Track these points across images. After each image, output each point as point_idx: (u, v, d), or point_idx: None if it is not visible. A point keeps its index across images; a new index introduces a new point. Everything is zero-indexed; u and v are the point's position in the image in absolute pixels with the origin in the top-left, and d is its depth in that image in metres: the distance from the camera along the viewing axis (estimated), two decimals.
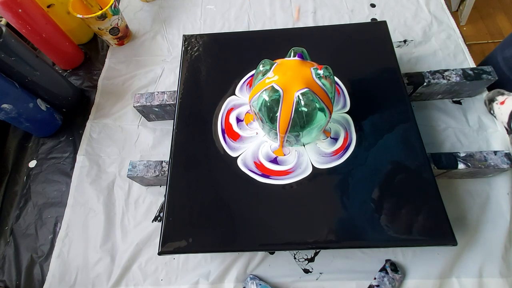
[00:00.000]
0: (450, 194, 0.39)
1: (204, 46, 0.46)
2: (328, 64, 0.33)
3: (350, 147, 0.37)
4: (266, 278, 0.38)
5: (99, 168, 0.47)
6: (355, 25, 0.50)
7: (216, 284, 0.38)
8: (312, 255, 0.39)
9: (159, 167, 0.40)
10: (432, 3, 0.57)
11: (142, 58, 0.57)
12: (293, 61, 0.33)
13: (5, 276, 0.41)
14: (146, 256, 0.41)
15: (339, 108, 0.39)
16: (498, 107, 0.38)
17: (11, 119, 0.45)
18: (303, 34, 0.47)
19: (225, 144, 0.38)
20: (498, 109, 0.38)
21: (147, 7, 0.64)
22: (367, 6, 0.59)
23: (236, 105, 0.41)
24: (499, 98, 0.38)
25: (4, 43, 0.40)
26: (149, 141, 0.49)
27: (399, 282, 0.36)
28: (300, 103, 0.30)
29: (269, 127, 0.33)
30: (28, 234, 0.44)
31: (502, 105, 0.36)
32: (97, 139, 0.50)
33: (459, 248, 0.37)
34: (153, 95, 0.45)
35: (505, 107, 0.36)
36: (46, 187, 0.47)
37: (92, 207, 0.44)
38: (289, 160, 0.37)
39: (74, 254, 0.42)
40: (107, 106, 0.53)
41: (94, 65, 0.58)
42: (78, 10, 0.51)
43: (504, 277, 0.36)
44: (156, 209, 0.43)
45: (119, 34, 0.56)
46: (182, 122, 0.40)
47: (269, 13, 0.60)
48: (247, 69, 0.43)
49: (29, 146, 0.51)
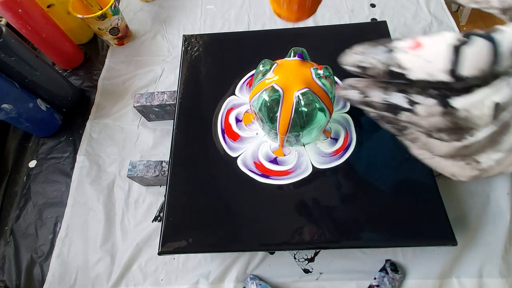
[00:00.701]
0: (450, 194, 0.39)
1: (204, 46, 0.46)
2: (328, 64, 0.33)
3: (350, 147, 0.37)
4: (266, 278, 0.38)
5: (99, 168, 0.47)
6: (355, 25, 0.50)
7: (216, 284, 0.38)
8: (312, 255, 0.39)
9: (159, 167, 0.40)
10: (432, 3, 0.57)
11: (142, 58, 0.57)
12: (293, 61, 0.33)
13: (5, 276, 0.41)
14: (146, 256, 0.41)
15: (339, 108, 0.39)
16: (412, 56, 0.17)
17: (11, 119, 0.45)
18: (303, 34, 0.47)
19: (225, 144, 0.38)
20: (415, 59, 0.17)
21: (147, 7, 0.64)
22: (367, 6, 0.59)
23: (235, 105, 0.41)
24: (403, 44, 0.18)
25: (4, 43, 0.40)
26: (149, 141, 0.49)
27: (399, 282, 0.36)
28: (300, 103, 0.30)
29: (269, 127, 0.33)
30: (28, 234, 0.44)
31: (419, 49, 0.17)
32: (97, 139, 0.50)
33: (459, 248, 0.37)
34: (153, 95, 0.45)
35: (430, 48, 0.17)
36: (46, 187, 0.47)
37: (92, 207, 0.44)
38: (289, 160, 0.37)
39: (74, 254, 0.42)
40: (107, 106, 0.53)
41: (94, 65, 0.58)
42: (78, 10, 0.51)
43: (504, 277, 0.36)
44: (156, 209, 0.43)
45: (119, 34, 0.56)
46: (182, 122, 0.40)
47: (269, 13, 0.60)
48: (247, 69, 0.43)
49: (29, 146, 0.51)
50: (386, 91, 0.20)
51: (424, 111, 0.18)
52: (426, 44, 0.16)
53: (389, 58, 0.18)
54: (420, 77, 0.17)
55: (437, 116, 0.18)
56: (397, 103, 0.19)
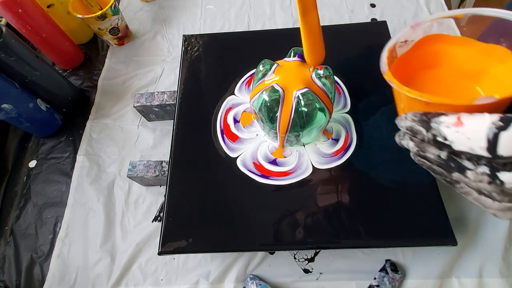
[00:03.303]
0: (450, 194, 0.39)
1: (204, 46, 0.46)
2: (328, 64, 0.33)
3: (350, 148, 0.37)
4: (266, 278, 0.38)
5: (99, 168, 0.47)
6: (355, 25, 0.50)
7: (216, 284, 0.38)
8: (312, 255, 0.39)
9: (159, 167, 0.40)
10: (432, 3, 0.57)
11: (142, 58, 0.57)
12: (293, 62, 0.33)
13: (5, 276, 0.41)
14: (146, 256, 0.41)
15: (339, 108, 0.39)
16: (454, 132, 0.20)
17: (11, 119, 0.45)
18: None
19: (224, 145, 0.38)
20: (457, 134, 0.20)
21: (147, 7, 0.64)
22: (367, 6, 0.59)
23: (234, 105, 0.41)
24: (446, 119, 0.20)
25: (4, 43, 0.40)
26: (149, 141, 0.49)
27: (399, 282, 0.36)
28: (300, 103, 0.30)
29: (269, 127, 0.33)
30: (28, 234, 0.44)
31: (460, 127, 0.19)
32: (97, 139, 0.50)
33: (459, 248, 0.37)
34: (153, 95, 0.45)
35: (470, 126, 0.19)
36: (46, 187, 0.47)
37: (92, 207, 0.44)
38: (289, 161, 0.37)
39: (74, 254, 0.42)
40: (107, 106, 0.53)
41: (94, 65, 0.58)
42: (78, 10, 0.51)
43: (504, 277, 0.36)
44: (156, 209, 0.43)
45: (119, 34, 0.56)
46: (182, 122, 0.40)
47: (269, 13, 0.60)
48: (247, 69, 0.43)
49: (29, 146, 0.51)
50: (441, 151, 0.22)
51: (473, 177, 0.20)
52: (466, 123, 0.19)
53: (435, 130, 0.21)
54: (463, 150, 0.20)
55: (485, 183, 0.19)
56: (450, 163, 0.21)
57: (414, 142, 0.24)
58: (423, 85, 0.31)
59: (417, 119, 0.22)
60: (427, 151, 0.23)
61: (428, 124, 0.21)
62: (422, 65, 0.32)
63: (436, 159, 0.22)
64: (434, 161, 0.23)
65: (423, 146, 0.23)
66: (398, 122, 0.25)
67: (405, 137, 0.25)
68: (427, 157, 0.23)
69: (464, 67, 0.30)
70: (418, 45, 0.31)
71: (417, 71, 0.32)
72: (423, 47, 0.31)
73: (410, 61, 0.31)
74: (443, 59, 0.31)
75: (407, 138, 0.25)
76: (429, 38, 0.30)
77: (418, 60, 0.31)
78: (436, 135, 0.21)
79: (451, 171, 0.22)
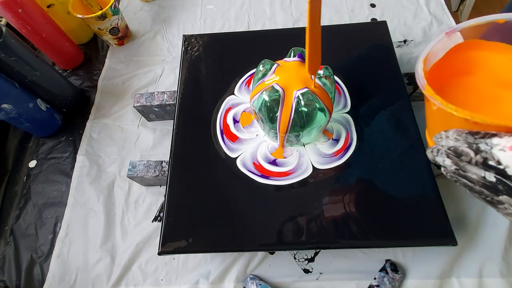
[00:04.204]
0: (450, 194, 0.39)
1: (204, 46, 0.46)
2: (328, 64, 0.33)
3: (350, 148, 0.37)
4: (266, 278, 0.38)
5: (99, 168, 0.47)
6: (355, 25, 0.50)
7: (216, 284, 0.38)
8: (312, 255, 0.39)
9: (159, 167, 0.40)
10: (432, 3, 0.57)
11: (142, 58, 0.57)
12: (293, 62, 0.33)
13: (5, 276, 0.41)
14: (146, 256, 0.41)
15: (340, 108, 0.39)
16: (510, 156, 0.19)
17: (11, 119, 0.45)
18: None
19: (224, 145, 0.38)
20: None
21: (147, 7, 0.64)
22: (367, 6, 0.59)
23: (234, 105, 0.41)
24: (500, 141, 0.19)
25: (4, 43, 0.40)
26: (149, 141, 0.49)
27: (399, 282, 0.36)
28: (300, 103, 0.30)
29: (269, 127, 0.33)
30: (28, 234, 0.44)
31: None
32: (97, 139, 0.50)
33: (459, 248, 0.37)
34: (153, 95, 0.45)
35: None
36: (46, 187, 0.47)
37: (92, 207, 0.44)
38: (289, 161, 0.37)
39: (74, 254, 0.42)
40: (107, 106, 0.53)
41: (94, 65, 0.58)
42: (78, 10, 0.51)
43: (504, 277, 0.36)
44: (156, 209, 0.43)
45: (119, 34, 0.56)
46: (182, 122, 0.40)
47: (269, 13, 0.60)
48: (247, 69, 0.43)
49: (29, 146, 0.51)
50: (487, 172, 0.20)
51: None
52: None
53: (487, 153, 0.19)
54: None
55: None
56: (498, 186, 0.19)
57: (452, 160, 0.22)
58: (455, 94, 0.29)
59: (461, 139, 0.20)
60: (469, 171, 0.21)
61: (477, 145, 0.19)
62: (454, 72, 0.29)
63: (480, 180, 0.20)
64: (476, 182, 0.21)
65: (464, 166, 0.21)
66: (437, 141, 0.22)
67: (441, 154, 0.23)
68: (468, 177, 0.21)
69: (500, 75, 0.28)
70: (452, 52, 0.28)
71: (449, 79, 0.30)
72: (456, 54, 0.28)
73: (442, 69, 0.28)
74: (478, 66, 0.29)
75: (443, 155, 0.22)
76: (464, 45, 0.28)
77: (450, 68, 0.29)
78: (488, 158, 0.19)
79: (498, 194, 0.20)
